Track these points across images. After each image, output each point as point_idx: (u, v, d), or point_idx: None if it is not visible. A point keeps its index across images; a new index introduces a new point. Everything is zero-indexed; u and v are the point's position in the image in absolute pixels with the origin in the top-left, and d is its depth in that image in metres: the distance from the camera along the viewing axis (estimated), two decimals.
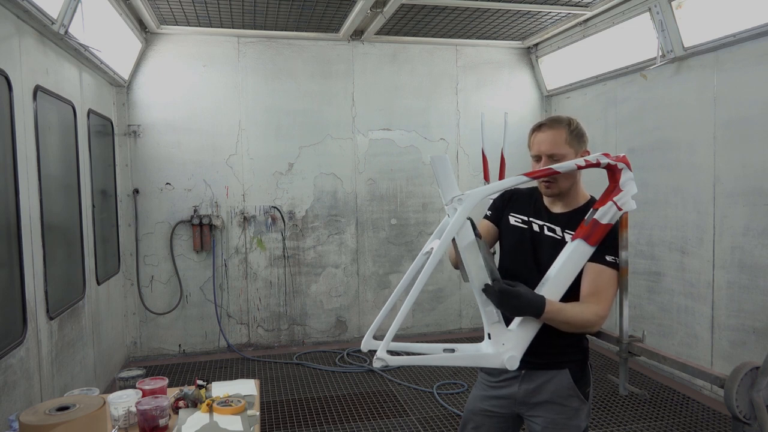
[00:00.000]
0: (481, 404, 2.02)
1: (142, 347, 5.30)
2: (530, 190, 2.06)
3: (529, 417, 1.96)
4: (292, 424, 3.87)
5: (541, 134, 1.91)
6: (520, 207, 2.01)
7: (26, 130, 3.01)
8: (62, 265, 3.60)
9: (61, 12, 3.24)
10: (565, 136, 1.87)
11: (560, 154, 1.86)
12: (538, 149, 1.91)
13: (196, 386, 2.23)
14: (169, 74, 5.22)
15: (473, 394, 2.08)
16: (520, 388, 1.93)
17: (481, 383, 2.06)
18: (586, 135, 1.92)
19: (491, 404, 2.00)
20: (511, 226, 2.00)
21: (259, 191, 5.47)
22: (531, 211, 1.98)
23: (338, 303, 5.73)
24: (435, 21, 5.06)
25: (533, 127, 1.98)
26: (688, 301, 4.27)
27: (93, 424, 1.62)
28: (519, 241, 1.96)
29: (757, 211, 3.69)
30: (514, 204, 2.03)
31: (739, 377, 1.69)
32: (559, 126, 1.89)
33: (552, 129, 1.89)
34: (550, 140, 1.87)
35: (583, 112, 5.58)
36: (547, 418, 1.90)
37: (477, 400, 2.04)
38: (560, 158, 1.85)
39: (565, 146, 1.86)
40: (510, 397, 1.95)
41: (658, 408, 4.00)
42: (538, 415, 1.92)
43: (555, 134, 1.87)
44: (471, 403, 2.07)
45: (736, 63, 3.82)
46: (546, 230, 1.92)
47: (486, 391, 2.02)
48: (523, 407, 1.95)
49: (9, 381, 2.67)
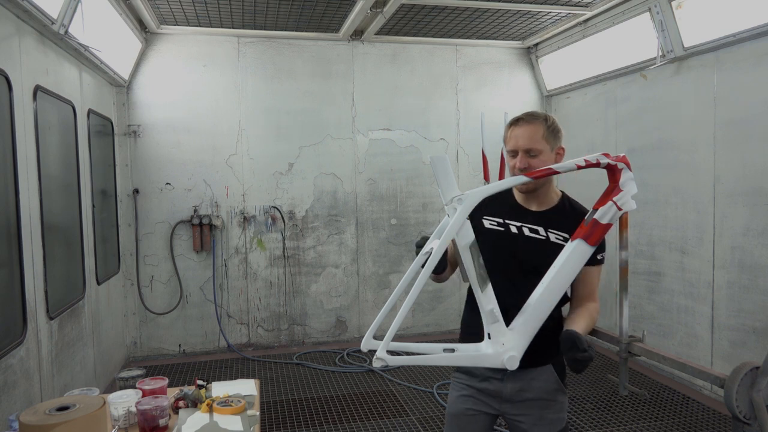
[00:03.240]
0: (464, 405, 1.98)
1: (142, 347, 5.30)
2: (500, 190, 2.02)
3: (514, 416, 1.94)
4: (292, 424, 3.87)
5: (518, 129, 1.89)
6: (494, 209, 1.95)
7: (26, 130, 3.01)
8: (62, 265, 3.60)
9: (61, 12, 3.23)
10: (543, 132, 1.87)
11: (537, 150, 1.86)
12: (515, 144, 1.89)
13: (196, 386, 2.23)
14: (169, 74, 5.22)
15: (452, 397, 2.04)
16: (506, 387, 1.92)
17: (458, 384, 2.02)
18: (561, 131, 1.93)
19: (474, 402, 1.97)
20: (486, 229, 1.95)
21: (259, 191, 5.47)
22: (506, 213, 1.95)
23: (338, 303, 5.73)
24: (435, 21, 5.06)
25: (510, 122, 1.95)
26: (688, 301, 4.27)
27: (93, 424, 1.62)
28: (497, 245, 1.92)
29: (757, 211, 3.69)
30: (485, 207, 1.90)
31: (739, 377, 1.70)
32: (537, 121, 1.88)
33: (529, 124, 1.88)
34: (527, 135, 1.86)
35: (583, 112, 5.58)
36: (536, 415, 1.91)
37: (459, 402, 2.00)
38: (537, 153, 1.86)
39: (542, 141, 1.87)
40: (495, 394, 1.93)
41: (658, 408, 4.00)
42: (526, 413, 1.92)
43: (532, 129, 1.87)
44: (452, 406, 2.02)
45: (736, 63, 3.82)
46: (527, 231, 1.91)
47: (466, 391, 1.99)
48: (508, 405, 1.93)
49: (9, 381, 2.67)
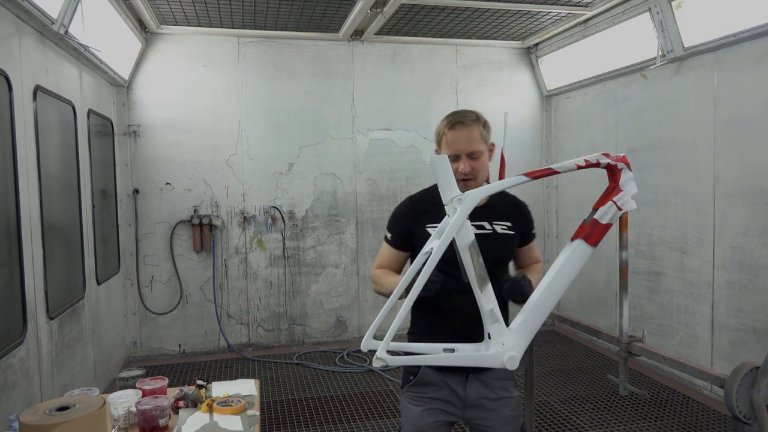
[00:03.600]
0: (431, 418, 1.92)
1: (142, 347, 5.30)
2: (428, 197, 1.93)
3: (479, 420, 1.92)
4: (292, 424, 3.87)
5: (458, 133, 1.84)
6: (432, 216, 1.86)
7: (26, 130, 3.01)
8: (62, 265, 3.60)
9: (61, 12, 3.23)
10: (480, 132, 1.86)
11: (478, 151, 1.85)
12: (458, 148, 1.84)
13: (196, 386, 2.23)
14: (169, 74, 5.22)
15: (415, 412, 1.93)
16: (470, 392, 1.90)
17: (420, 398, 1.93)
18: (491, 127, 1.92)
19: (441, 414, 1.92)
20: None
21: (259, 191, 5.47)
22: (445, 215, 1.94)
23: (338, 303, 5.73)
24: (435, 21, 5.06)
25: (446, 125, 1.88)
26: (688, 301, 4.28)
27: (93, 424, 1.62)
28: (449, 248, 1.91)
29: (757, 211, 3.69)
30: (423, 216, 1.91)
31: (739, 377, 1.70)
32: (473, 122, 1.86)
33: (468, 127, 1.84)
34: (467, 138, 1.84)
35: (583, 112, 5.58)
36: (500, 414, 1.91)
37: (425, 416, 1.92)
38: (478, 155, 1.85)
39: (481, 142, 1.86)
40: (459, 402, 1.91)
41: (658, 408, 4.00)
42: (490, 415, 1.91)
43: (471, 131, 1.85)
44: (419, 422, 1.92)
45: (736, 63, 3.82)
46: (474, 229, 1.86)
47: (431, 404, 1.92)
48: (472, 411, 1.91)
49: (9, 381, 2.67)
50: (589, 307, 5.57)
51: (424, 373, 1.92)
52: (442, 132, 1.89)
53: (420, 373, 1.92)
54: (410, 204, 2.00)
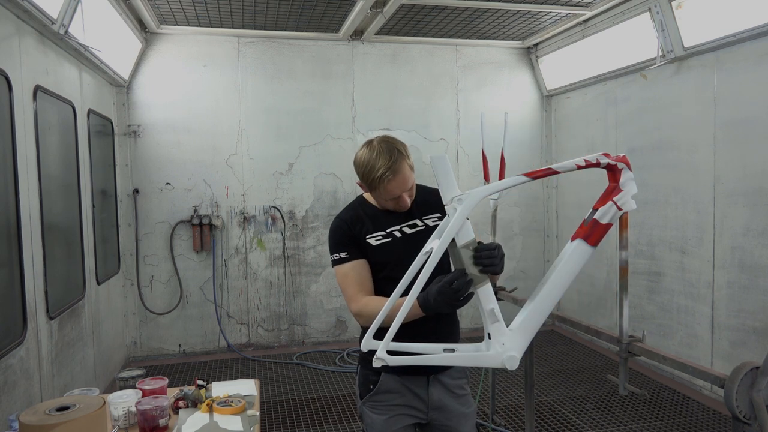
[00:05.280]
0: (397, 424, 1.91)
1: (142, 347, 5.30)
2: (356, 210, 1.95)
3: (440, 421, 1.93)
4: (292, 424, 3.87)
5: (394, 181, 1.80)
6: (369, 226, 1.90)
7: (26, 130, 3.01)
8: (62, 265, 3.60)
9: (61, 12, 3.23)
10: (408, 164, 1.83)
11: (413, 183, 1.87)
12: (397, 193, 1.82)
13: (196, 386, 2.22)
14: (169, 74, 5.22)
15: (380, 421, 1.91)
16: (433, 393, 1.91)
17: (384, 406, 1.92)
18: (407, 147, 1.88)
19: (406, 419, 1.92)
20: (375, 247, 1.90)
21: (259, 191, 5.47)
22: (381, 223, 1.92)
23: (338, 303, 5.73)
24: (435, 21, 5.06)
25: (377, 178, 1.79)
26: (688, 301, 4.27)
27: (93, 424, 1.62)
28: (394, 255, 1.89)
29: (757, 211, 3.69)
30: (361, 228, 1.90)
31: (739, 377, 1.70)
32: (400, 161, 1.79)
33: (400, 171, 1.79)
34: (403, 181, 1.81)
35: (583, 112, 5.58)
36: (461, 412, 1.94)
37: (390, 424, 1.91)
38: (413, 185, 1.87)
39: (411, 172, 1.85)
40: (423, 405, 1.92)
41: (658, 408, 4.00)
42: (450, 416, 1.93)
43: (404, 172, 1.81)
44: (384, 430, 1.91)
45: (736, 63, 3.82)
46: (408, 229, 1.91)
47: (396, 410, 1.91)
48: (436, 412, 1.93)
49: (9, 381, 2.67)
50: (589, 307, 5.57)
51: (384, 381, 1.91)
52: (375, 181, 1.80)
53: (380, 382, 1.91)
54: (342, 222, 1.95)
